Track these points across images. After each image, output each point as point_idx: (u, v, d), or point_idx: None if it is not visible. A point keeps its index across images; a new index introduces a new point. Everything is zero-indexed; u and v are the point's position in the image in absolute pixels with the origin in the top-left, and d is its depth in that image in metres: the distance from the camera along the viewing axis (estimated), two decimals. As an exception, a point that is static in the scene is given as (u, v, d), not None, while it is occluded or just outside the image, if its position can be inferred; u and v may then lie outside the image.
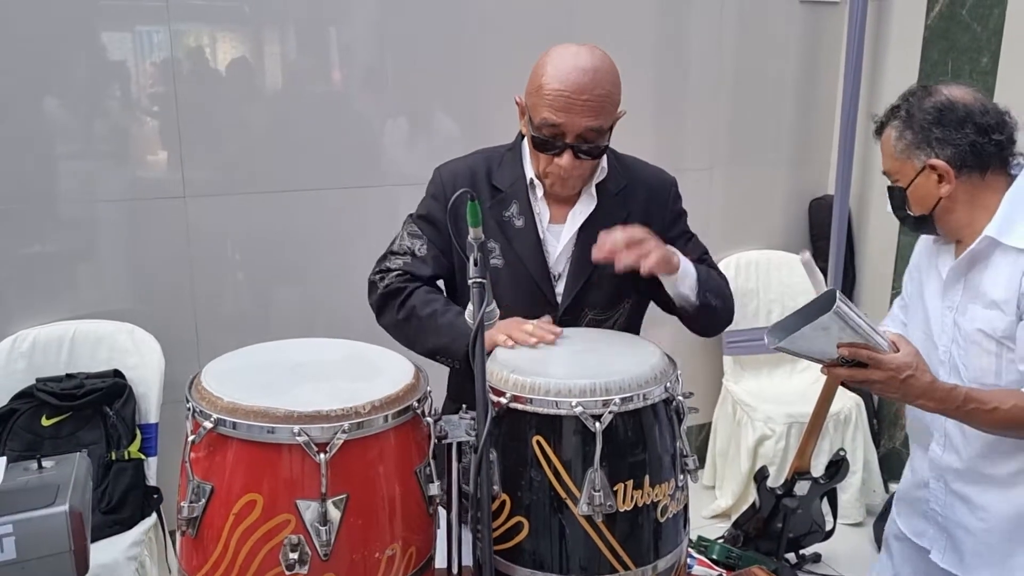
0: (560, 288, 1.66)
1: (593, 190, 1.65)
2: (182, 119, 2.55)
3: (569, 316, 1.64)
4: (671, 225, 1.72)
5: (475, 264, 1.20)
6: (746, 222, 3.47)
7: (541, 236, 1.64)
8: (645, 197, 1.69)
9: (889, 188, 1.63)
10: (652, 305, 1.75)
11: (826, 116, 3.49)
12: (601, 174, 1.66)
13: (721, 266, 3.32)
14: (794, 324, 1.44)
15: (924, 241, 1.76)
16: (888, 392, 1.45)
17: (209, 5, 2.57)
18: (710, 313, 1.65)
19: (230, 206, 2.65)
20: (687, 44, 3.21)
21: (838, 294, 1.38)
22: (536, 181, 1.65)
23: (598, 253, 1.48)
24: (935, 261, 1.68)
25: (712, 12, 3.20)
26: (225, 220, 2.66)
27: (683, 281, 1.58)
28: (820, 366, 1.50)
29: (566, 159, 1.54)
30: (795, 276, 3.43)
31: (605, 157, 1.66)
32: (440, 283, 1.75)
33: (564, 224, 1.66)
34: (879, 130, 1.62)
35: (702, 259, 1.74)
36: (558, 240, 1.66)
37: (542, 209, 1.66)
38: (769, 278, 3.42)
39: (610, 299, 1.67)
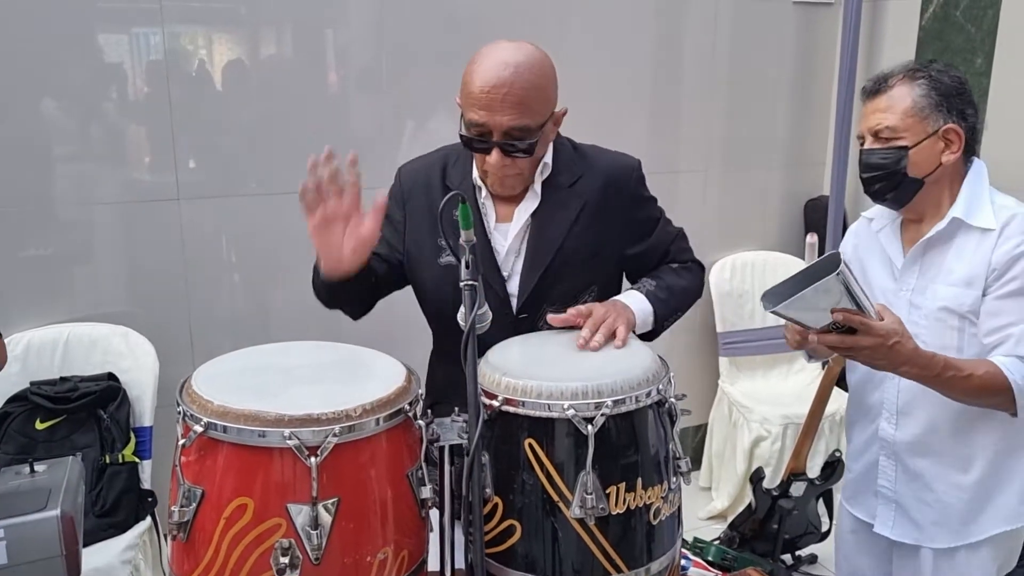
0: (513, 287, 1.64)
1: (538, 187, 1.63)
2: (176, 121, 2.54)
3: (527, 314, 1.63)
4: (633, 208, 1.69)
5: (467, 267, 1.20)
6: (741, 223, 3.47)
7: (488, 235, 1.63)
8: (602, 184, 1.66)
9: (873, 150, 1.62)
10: None
11: (821, 117, 3.49)
12: (545, 170, 1.64)
13: (716, 268, 3.39)
14: (789, 289, 1.43)
15: (858, 231, 1.82)
16: (875, 359, 1.48)
17: (202, 7, 2.57)
18: (671, 324, 1.69)
19: (225, 208, 2.65)
20: (681, 46, 3.21)
21: (842, 257, 1.38)
22: (480, 181, 1.64)
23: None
24: (878, 246, 1.74)
25: (706, 14, 3.21)
26: (220, 222, 2.66)
27: (643, 327, 1.60)
28: (813, 340, 1.50)
29: (494, 157, 1.52)
30: (791, 277, 3.42)
31: (551, 152, 1.64)
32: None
33: (511, 223, 1.64)
34: (881, 87, 1.63)
35: (672, 245, 1.73)
36: (505, 239, 1.64)
37: (487, 209, 1.65)
38: (765, 279, 3.42)
39: (569, 294, 1.64)
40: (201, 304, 2.67)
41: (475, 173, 1.64)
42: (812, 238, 2.42)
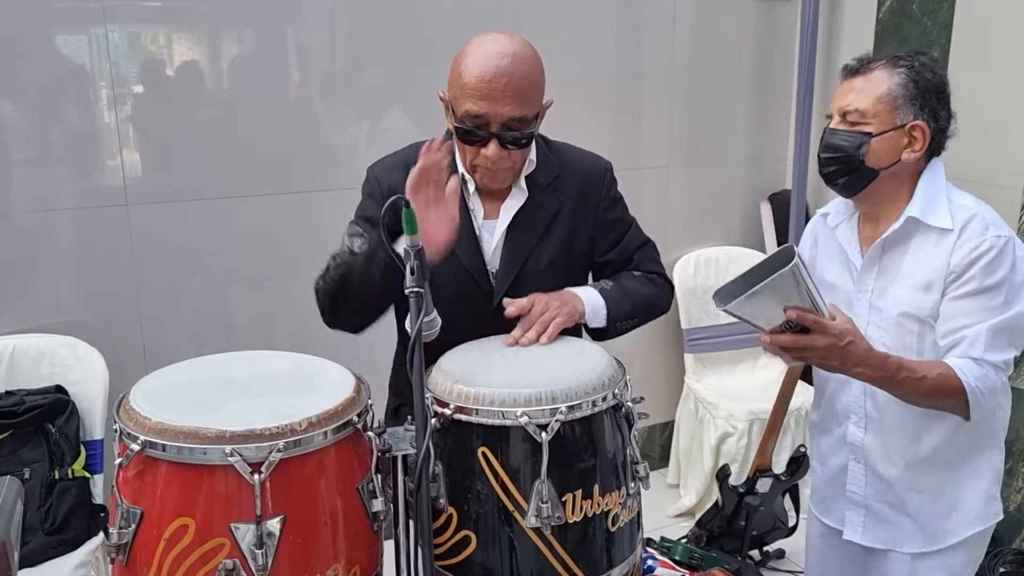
0: (497, 284, 1.62)
1: (523, 183, 1.61)
2: (123, 124, 2.47)
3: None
4: (606, 211, 1.69)
5: (411, 273, 1.16)
6: (704, 219, 3.46)
7: (477, 232, 1.61)
8: (578, 184, 1.65)
9: (836, 130, 1.59)
10: None
11: (782, 111, 3.50)
12: (530, 166, 1.62)
13: (680, 264, 3.38)
14: (741, 287, 1.39)
15: (815, 229, 1.79)
16: (828, 359, 1.44)
17: (148, 7, 2.49)
18: (629, 330, 1.67)
19: (177, 213, 2.57)
20: (641, 42, 3.19)
21: (796, 249, 1.34)
22: (468, 176, 1.61)
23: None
24: (835, 244, 1.70)
25: (665, 9, 3.19)
26: (172, 228, 2.58)
27: (593, 320, 1.59)
28: (765, 341, 1.45)
29: (492, 149, 1.49)
30: (754, 272, 3.42)
31: (534, 148, 1.62)
32: None
33: (497, 219, 1.62)
34: (862, 68, 1.58)
35: (639, 252, 1.71)
36: (492, 236, 1.62)
37: (475, 205, 1.62)
38: (729, 274, 3.38)
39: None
40: (154, 312, 2.60)
41: (460, 168, 1.60)
42: (765, 207, 2.23)
